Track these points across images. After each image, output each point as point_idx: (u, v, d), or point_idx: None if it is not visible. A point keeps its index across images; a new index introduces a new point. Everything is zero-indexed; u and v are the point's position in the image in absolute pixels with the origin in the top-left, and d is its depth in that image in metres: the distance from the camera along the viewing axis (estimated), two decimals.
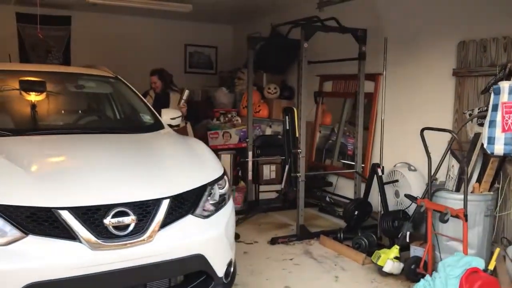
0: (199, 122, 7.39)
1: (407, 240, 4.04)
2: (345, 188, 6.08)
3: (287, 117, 5.54)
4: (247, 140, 6.11)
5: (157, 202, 2.63)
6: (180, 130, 6.12)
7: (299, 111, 5.09)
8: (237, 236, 5.02)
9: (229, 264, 3.04)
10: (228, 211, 3.03)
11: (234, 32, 9.19)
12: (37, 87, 3.76)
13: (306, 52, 4.91)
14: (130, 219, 2.51)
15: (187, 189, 2.79)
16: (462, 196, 3.88)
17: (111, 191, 2.55)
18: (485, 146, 3.56)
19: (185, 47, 8.79)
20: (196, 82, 8.67)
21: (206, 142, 6.81)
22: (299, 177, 5.00)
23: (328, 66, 6.29)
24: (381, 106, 5.35)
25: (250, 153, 6.13)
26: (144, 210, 2.59)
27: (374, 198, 5.08)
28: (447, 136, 4.22)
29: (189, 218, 2.76)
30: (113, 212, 2.48)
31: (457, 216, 3.64)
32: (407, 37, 5.25)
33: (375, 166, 4.77)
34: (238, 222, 5.40)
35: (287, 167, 5.62)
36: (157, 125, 3.90)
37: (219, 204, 3.02)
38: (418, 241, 4.22)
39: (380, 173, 4.74)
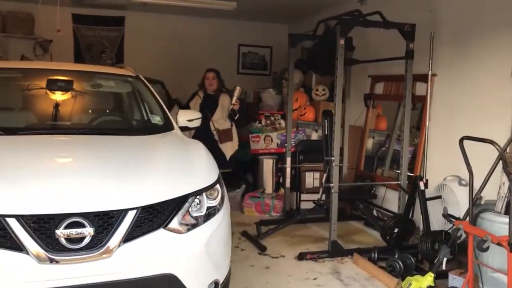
0: (247, 125, 7.11)
1: (443, 267, 3.45)
2: (394, 201, 5.48)
3: (326, 121, 5.08)
4: (285, 145, 5.72)
5: (121, 213, 2.34)
6: (225, 132, 5.88)
7: (335, 113, 4.61)
8: (263, 249, 4.68)
9: (215, 285, 2.70)
10: (213, 225, 2.68)
11: (290, 32, 8.79)
12: (48, 85, 3.66)
13: (343, 49, 4.45)
14: (86, 231, 2.25)
15: (161, 200, 2.48)
16: None
17: (68, 199, 2.29)
18: None
19: (238, 47, 8.54)
20: (249, 83, 8.40)
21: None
22: (331, 187, 4.53)
23: (380, 66, 5.74)
24: (427, 110, 4.74)
25: (288, 159, 5.74)
26: (105, 222, 2.31)
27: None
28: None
29: (161, 232, 2.45)
30: (66, 223, 2.23)
31: (500, 244, 3.02)
32: (461, 33, 4.61)
33: (417, 179, 4.19)
34: (268, 233, 5.04)
35: (325, 175, 5.15)
36: (165, 127, 3.64)
37: (207, 217, 2.69)
38: (460, 268, 3.61)
39: (422, 187, 4.16)
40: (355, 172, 6.14)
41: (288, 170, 5.74)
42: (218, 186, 2.84)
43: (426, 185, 4.20)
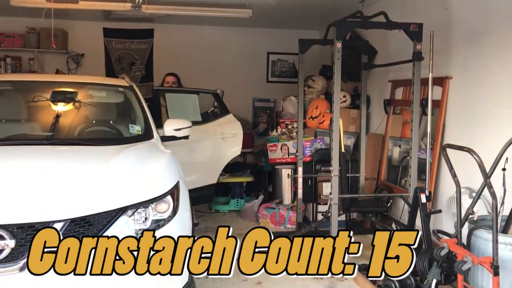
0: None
1: None
2: None
3: None
4: (296, 154, 5.52)
5: (46, 226, 2.29)
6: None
7: (332, 121, 4.36)
8: None
9: None
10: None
11: (321, 38, 8.52)
12: (36, 97, 3.76)
13: (340, 53, 4.20)
14: (4, 244, 2.21)
15: (93, 212, 2.41)
16: (509, 239, 2.88)
17: None
18: None
19: (268, 55, 8.40)
20: (279, 92, 8.24)
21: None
22: (330, 199, 4.28)
23: (399, 70, 5.39)
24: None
25: (300, 169, 5.51)
26: (28, 234, 2.27)
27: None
28: None
29: None
30: None
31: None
32: (478, 31, 4.21)
33: (418, 191, 3.84)
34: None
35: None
36: (143, 137, 3.60)
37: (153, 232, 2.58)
38: None
39: (424, 200, 3.81)
40: (376, 182, 5.80)
41: (300, 180, 5.51)
42: (168, 198, 2.72)
43: (428, 198, 3.84)
